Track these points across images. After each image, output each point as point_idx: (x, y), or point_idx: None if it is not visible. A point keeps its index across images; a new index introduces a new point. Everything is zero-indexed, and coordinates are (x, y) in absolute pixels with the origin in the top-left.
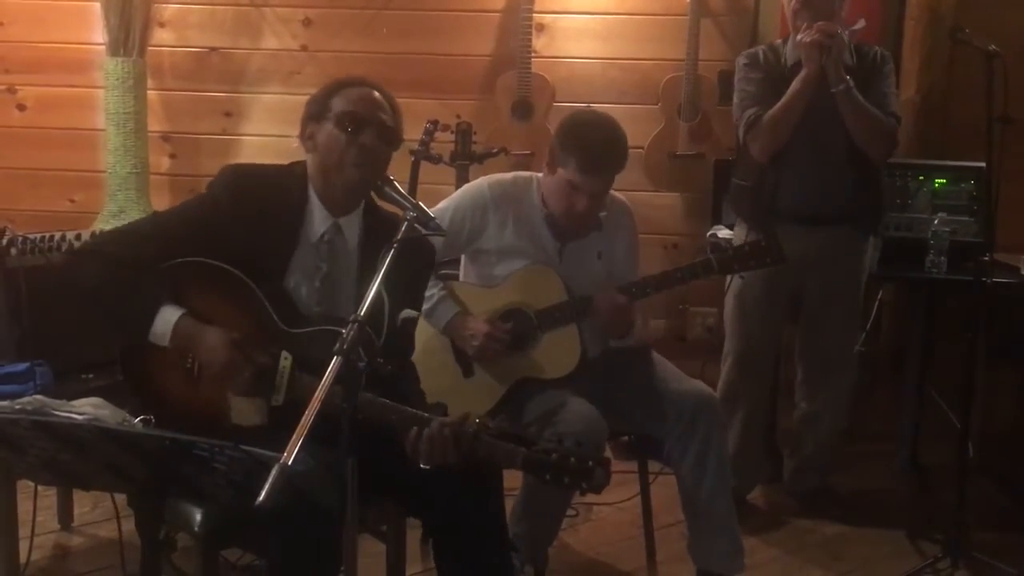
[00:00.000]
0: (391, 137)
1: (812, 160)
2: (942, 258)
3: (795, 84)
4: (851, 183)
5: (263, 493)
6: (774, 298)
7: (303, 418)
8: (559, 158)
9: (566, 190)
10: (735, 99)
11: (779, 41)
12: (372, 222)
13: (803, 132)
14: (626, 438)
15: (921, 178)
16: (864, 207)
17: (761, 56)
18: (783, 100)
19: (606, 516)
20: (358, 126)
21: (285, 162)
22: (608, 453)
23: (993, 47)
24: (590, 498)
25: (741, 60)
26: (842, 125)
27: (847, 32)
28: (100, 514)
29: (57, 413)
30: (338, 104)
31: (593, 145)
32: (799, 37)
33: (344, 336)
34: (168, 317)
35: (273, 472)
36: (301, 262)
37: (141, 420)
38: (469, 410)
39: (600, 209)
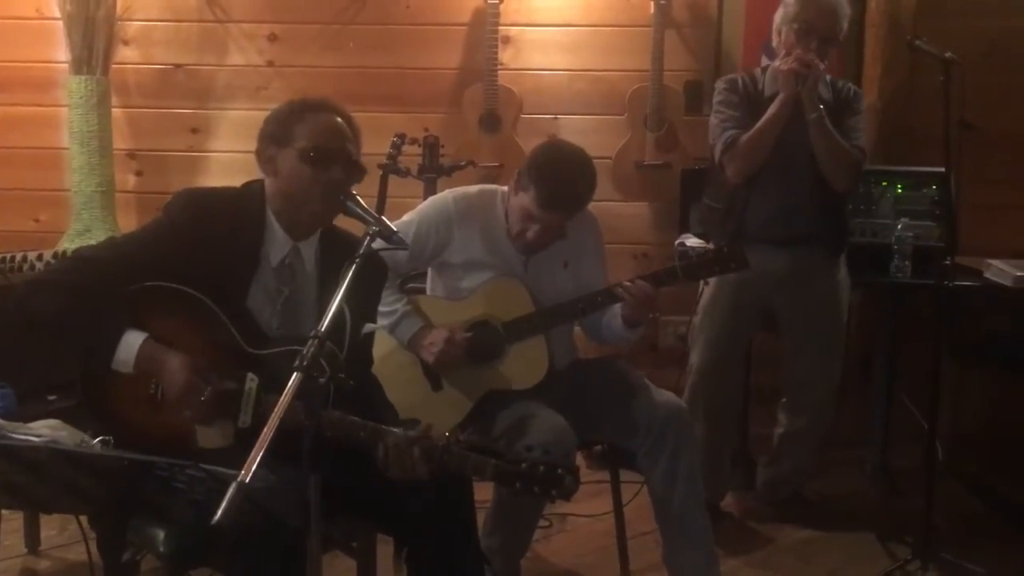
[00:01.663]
0: (355, 171)
1: (780, 185)
2: (906, 263)
3: (772, 108)
4: (818, 208)
5: (220, 511)
6: (742, 313)
7: (261, 435)
8: (523, 182)
9: (523, 215)
10: (713, 120)
11: (757, 69)
12: (329, 242)
13: (774, 157)
14: (599, 448)
15: (884, 184)
16: (829, 230)
17: (740, 82)
18: (759, 124)
19: (580, 526)
20: (324, 162)
21: (254, 178)
22: (580, 462)
23: (950, 54)
24: (564, 509)
25: (720, 84)
26: (810, 154)
27: (824, 64)
28: (67, 537)
29: (13, 436)
30: (302, 134)
31: (555, 182)
32: (777, 63)
33: (304, 352)
34: (131, 342)
35: (230, 490)
36: (262, 284)
37: (100, 441)
38: (439, 425)
39: (552, 240)
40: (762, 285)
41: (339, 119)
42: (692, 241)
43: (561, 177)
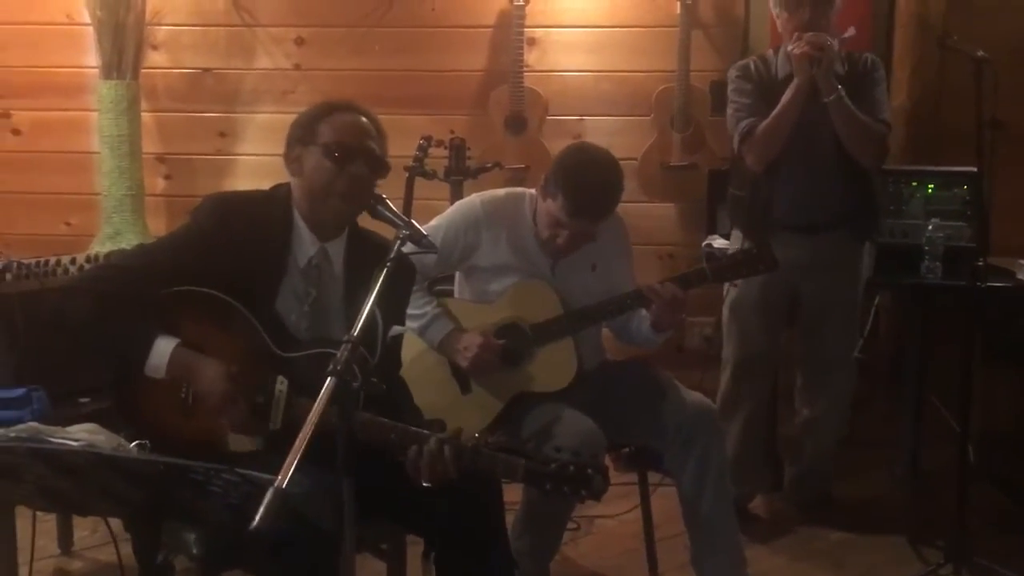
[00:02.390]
0: (379, 166)
1: (804, 169)
2: (937, 263)
3: (787, 95)
4: (843, 190)
5: (258, 517)
6: (770, 305)
7: (297, 440)
8: (550, 189)
9: (551, 221)
10: (728, 111)
11: (770, 51)
12: (357, 243)
13: (795, 141)
14: (627, 450)
15: (914, 184)
16: (858, 212)
17: (752, 67)
18: (775, 111)
19: (608, 529)
20: (346, 157)
21: (281, 181)
22: (607, 463)
23: (981, 53)
24: (592, 511)
25: (733, 72)
26: (833, 133)
27: (838, 41)
28: (99, 538)
29: (52, 440)
30: (325, 131)
31: (583, 189)
32: (789, 48)
33: (338, 357)
34: (163, 349)
35: (268, 495)
36: (290, 287)
37: (137, 445)
38: (463, 426)
39: (582, 244)
40: (788, 276)
41: (363, 118)
42: (719, 243)
43: (588, 184)
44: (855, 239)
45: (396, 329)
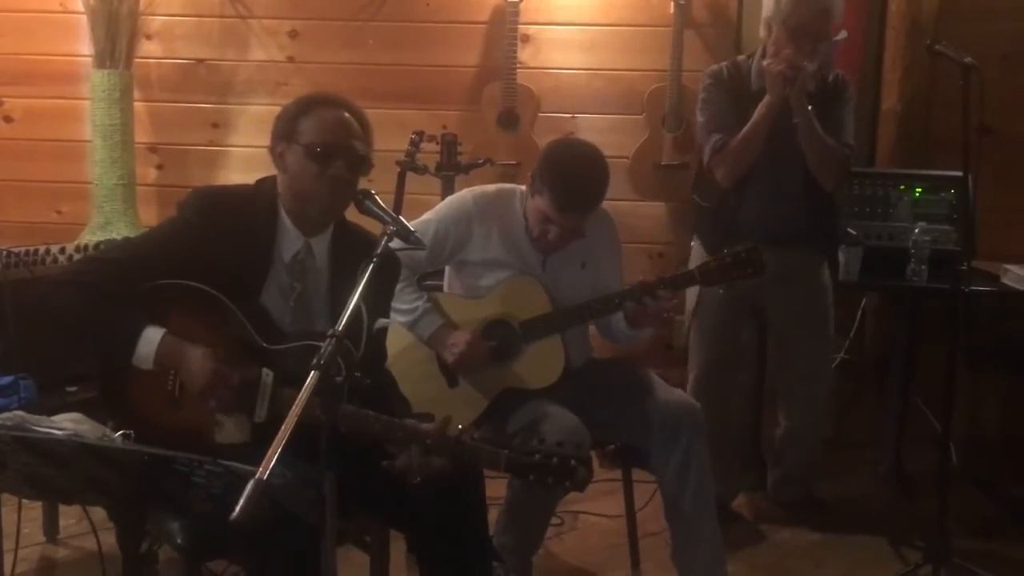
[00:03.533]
0: (361, 165)
1: (771, 184)
2: (923, 266)
3: (758, 112)
4: (807, 208)
5: (238, 508)
6: (732, 314)
7: (279, 432)
8: (538, 185)
9: (541, 218)
10: (700, 119)
11: (742, 57)
12: (342, 238)
13: (763, 157)
14: (612, 447)
15: (902, 187)
16: (819, 231)
17: (725, 73)
18: (746, 129)
19: (591, 525)
20: (328, 157)
21: (272, 173)
22: (592, 458)
23: (969, 59)
24: (576, 507)
25: (706, 79)
26: (800, 151)
27: (831, 43)
28: (86, 526)
29: (37, 429)
30: (307, 128)
31: (570, 184)
32: (765, 63)
33: (322, 351)
34: (151, 338)
35: (248, 487)
36: (275, 281)
37: (121, 435)
38: (455, 421)
39: (572, 240)
40: (751, 288)
41: (346, 113)
42: None
43: (574, 179)
44: (818, 253)
45: (381, 322)
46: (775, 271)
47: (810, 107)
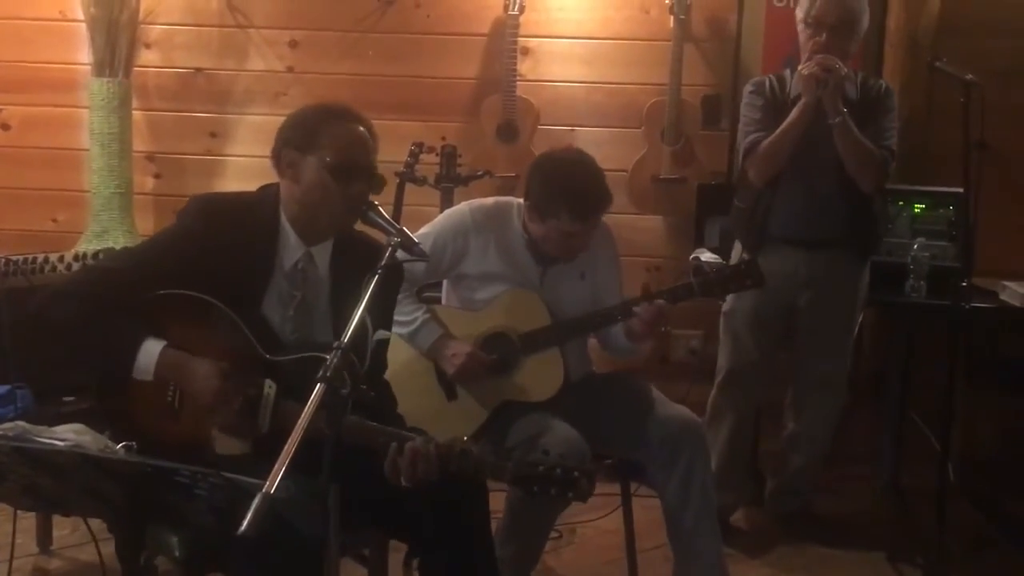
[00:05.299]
0: (379, 185)
1: (805, 186)
2: (922, 282)
3: (793, 113)
4: (843, 210)
5: (246, 522)
6: (763, 319)
7: (287, 445)
8: (545, 210)
9: (562, 238)
10: (740, 124)
11: (787, 71)
12: (342, 247)
13: (799, 159)
14: (609, 461)
15: (901, 203)
16: (856, 233)
17: (767, 84)
18: (780, 129)
19: (590, 539)
20: (351, 175)
21: (270, 181)
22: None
23: (969, 76)
24: (574, 520)
25: (747, 87)
26: (836, 154)
27: (849, 64)
28: (79, 537)
29: (39, 439)
30: (327, 143)
31: (581, 193)
32: (800, 68)
33: (328, 363)
34: (151, 350)
35: (256, 501)
36: (276, 290)
37: (123, 446)
38: (453, 434)
39: (593, 237)
40: (783, 290)
41: (362, 128)
42: (707, 256)
43: (582, 186)
44: (855, 258)
45: (381, 333)
46: (806, 273)
47: (845, 110)
